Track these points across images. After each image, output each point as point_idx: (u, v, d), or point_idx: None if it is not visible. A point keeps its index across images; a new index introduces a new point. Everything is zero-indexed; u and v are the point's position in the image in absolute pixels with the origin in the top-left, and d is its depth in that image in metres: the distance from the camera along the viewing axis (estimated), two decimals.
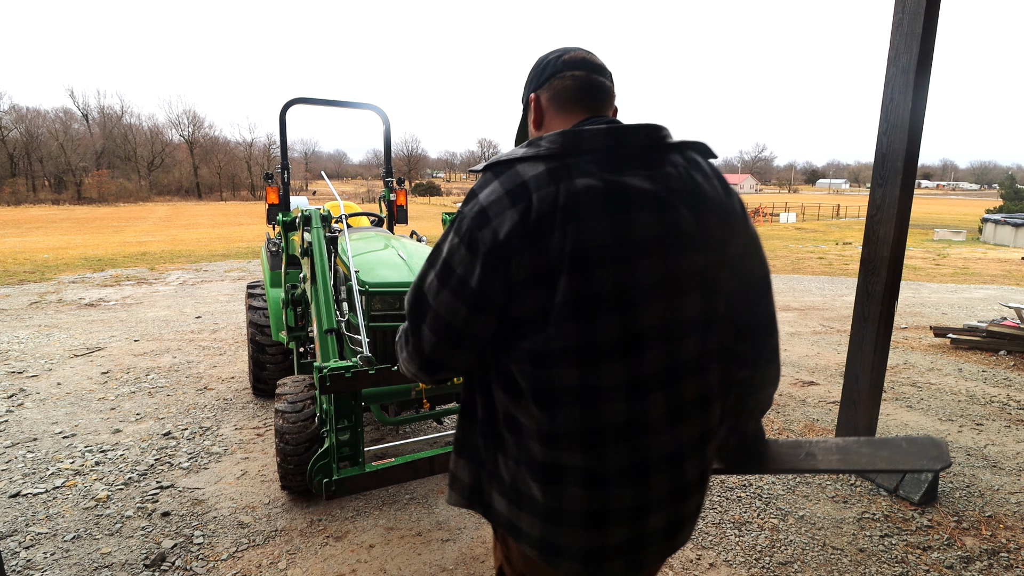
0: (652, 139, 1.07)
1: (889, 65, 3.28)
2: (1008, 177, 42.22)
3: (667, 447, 1.05)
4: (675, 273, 1.03)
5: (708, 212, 1.06)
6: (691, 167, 1.08)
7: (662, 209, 1.02)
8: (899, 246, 3.39)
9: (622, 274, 1.00)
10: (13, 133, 52.84)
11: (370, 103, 4.82)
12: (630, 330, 1.01)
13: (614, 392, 1.01)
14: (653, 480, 1.05)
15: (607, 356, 1.00)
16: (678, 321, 1.04)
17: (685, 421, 1.06)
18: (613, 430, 1.02)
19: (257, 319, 4.46)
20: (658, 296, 1.02)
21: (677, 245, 1.03)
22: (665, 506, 1.08)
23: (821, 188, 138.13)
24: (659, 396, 1.04)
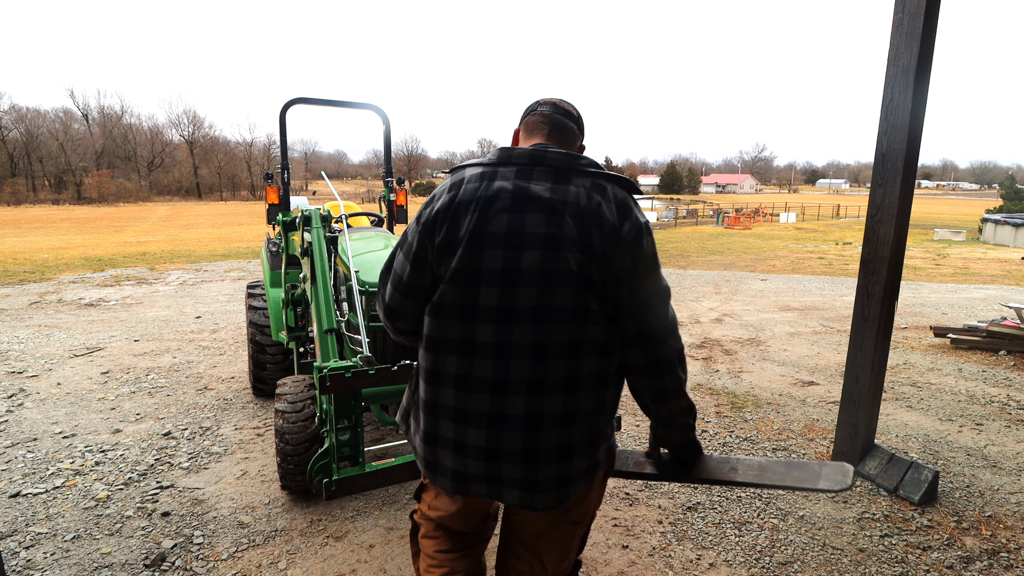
0: (567, 164, 1.36)
1: (889, 65, 3.28)
2: (1008, 177, 42.22)
3: (497, 408, 1.33)
4: (547, 266, 1.29)
5: (592, 226, 1.29)
6: (595, 191, 1.33)
7: (551, 214, 1.30)
8: (899, 246, 3.40)
9: (511, 258, 1.29)
10: (13, 133, 52.80)
11: (370, 103, 4.82)
12: (494, 303, 1.30)
13: (452, 345, 1.35)
14: (503, 430, 1.33)
15: (479, 317, 1.32)
16: (542, 306, 1.30)
17: (513, 395, 1.31)
18: (457, 380, 1.35)
19: (257, 319, 4.46)
20: (523, 282, 1.29)
21: (556, 243, 1.29)
22: (517, 457, 1.34)
23: (821, 188, 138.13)
24: (482, 364, 1.33)
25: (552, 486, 1.37)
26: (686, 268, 14.03)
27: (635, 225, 1.32)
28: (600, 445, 1.43)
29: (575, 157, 1.37)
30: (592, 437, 1.39)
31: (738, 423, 4.40)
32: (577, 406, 1.34)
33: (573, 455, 1.37)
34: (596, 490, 1.52)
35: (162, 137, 65.43)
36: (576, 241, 1.28)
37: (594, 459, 1.42)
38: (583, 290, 1.30)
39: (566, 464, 1.37)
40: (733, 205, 48.30)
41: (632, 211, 1.34)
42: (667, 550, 2.84)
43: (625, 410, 4.62)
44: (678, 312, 8.53)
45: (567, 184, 1.33)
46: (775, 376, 5.56)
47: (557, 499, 1.38)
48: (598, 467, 1.43)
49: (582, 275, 1.29)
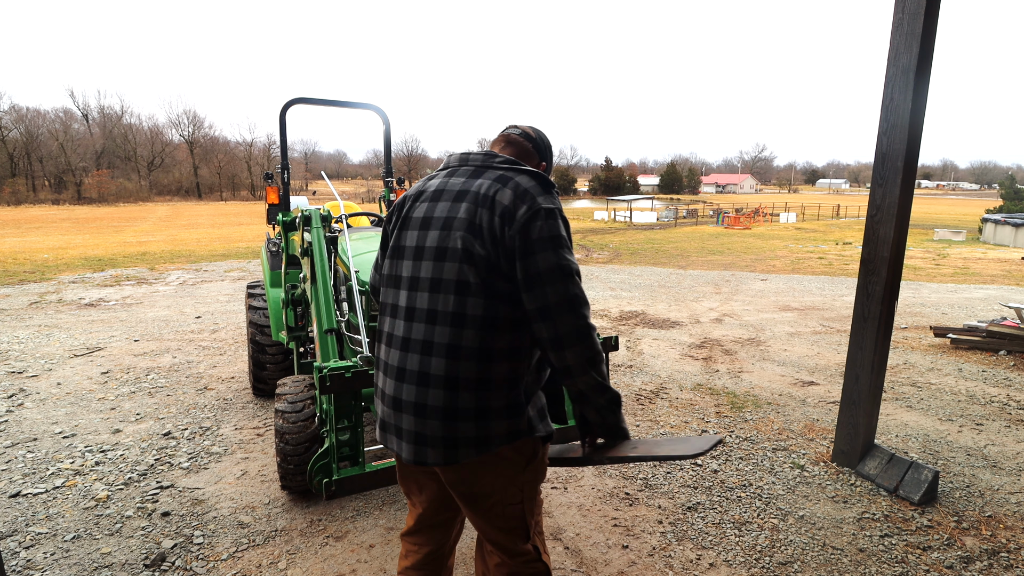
0: (483, 163, 1.62)
1: (889, 65, 3.28)
2: (1008, 177, 42.20)
3: (401, 363, 1.55)
4: (440, 243, 1.53)
5: (483, 209, 1.50)
6: (499, 181, 1.54)
7: (454, 201, 1.56)
8: (899, 246, 3.40)
9: (420, 238, 1.58)
10: (13, 133, 52.79)
11: (370, 103, 4.82)
12: (408, 274, 1.58)
13: (386, 309, 1.64)
14: (403, 382, 1.54)
15: (399, 285, 1.61)
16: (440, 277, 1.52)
17: (412, 353, 1.53)
18: (386, 338, 1.62)
19: (257, 319, 4.46)
20: (426, 257, 1.55)
21: (449, 225, 1.53)
22: (410, 410, 1.52)
23: (821, 188, 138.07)
24: (399, 324, 1.58)
25: (439, 444, 1.51)
26: (686, 268, 14.03)
27: (531, 208, 1.49)
28: (492, 419, 1.51)
29: (492, 156, 1.62)
30: (480, 409, 1.49)
31: (738, 423, 4.40)
32: (459, 372, 1.48)
33: (457, 418, 1.49)
34: (502, 469, 1.58)
35: (162, 137, 65.44)
36: (464, 221, 1.51)
37: (484, 431, 1.50)
38: (464, 265, 1.49)
39: (450, 426, 1.50)
40: (733, 205, 48.29)
41: (533, 198, 1.51)
42: (667, 550, 2.84)
43: (625, 410, 4.62)
44: (678, 312, 8.52)
45: (477, 178, 1.58)
46: (775, 376, 5.56)
47: (446, 458, 1.51)
48: (491, 441, 1.51)
49: (465, 252, 1.49)
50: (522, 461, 1.60)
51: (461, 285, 1.49)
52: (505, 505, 1.63)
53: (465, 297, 1.49)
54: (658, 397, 4.94)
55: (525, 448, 1.59)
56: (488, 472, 1.57)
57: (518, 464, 1.60)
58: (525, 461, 1.61)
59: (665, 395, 4.99)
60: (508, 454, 1.56)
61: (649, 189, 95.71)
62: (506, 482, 1.61)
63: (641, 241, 21.44)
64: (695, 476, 3.57)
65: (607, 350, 2.50)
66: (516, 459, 1.59)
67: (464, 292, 1.49)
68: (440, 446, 1.51)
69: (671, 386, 5.22)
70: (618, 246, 19.65)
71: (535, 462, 1.64)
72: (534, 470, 1.65)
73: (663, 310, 8.68)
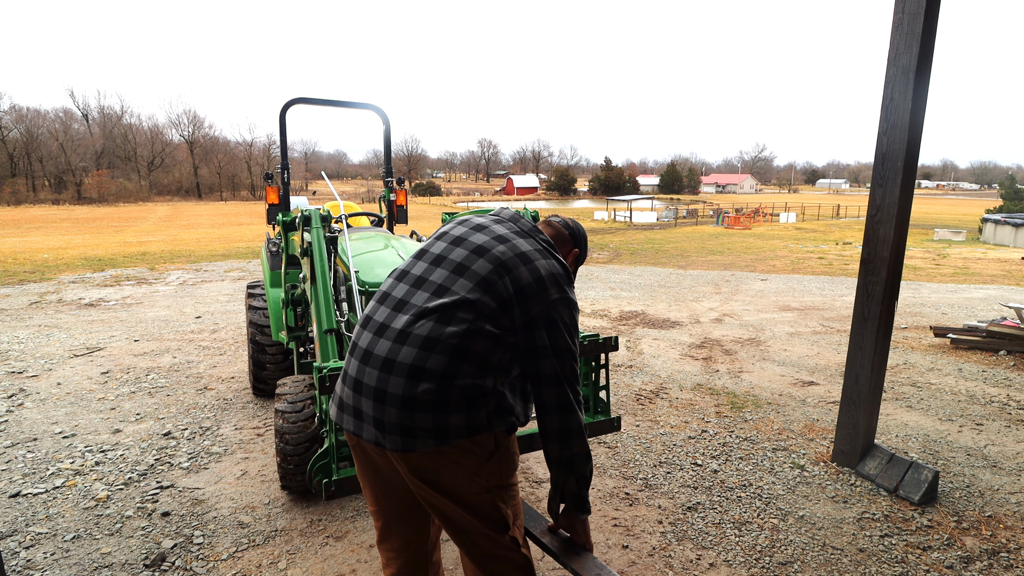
0: (532, 230, 1.77)
1: (889, 65, 3.28)
2: (1008, 177, 42.19)
3: (370, 346, 1.61)
4: (470, 263, 1.64)
5: (525, 264, 1.63)
6: (542, 255, 1.68)
7: (500, 241, 1.68)
8: (899, 246, 3.40)
9: (448, 250, 1.70)
10: (13, 133, 52.73)
11: (370, 103, 4.82)
12: (420, 273, 1.69)
13: (379, 296, 1.72)
14: (367, 364, 1.59)
15: (401, 279, 1.71)
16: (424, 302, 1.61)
17: (384, 339, 1.59)
18: (364, 319, 1.70)
19: (257, 319, 4.46)
20: (447, 267, 1.66)
21: (492, 260, 1.64)
22: (371, 394, 1.56)
23: (821, 188, 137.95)
24: (383, 311, 1.65)
25: (397, 431, 1.53)
26: (686, 268, 14.03)
27: (562, 295, 1.68)
28: (450, 414, 1.52)
29: (538, 230, 1.83)
30: (439, 402, 1.51)
31: (738, 423, 4.39)
32: (426, 363, 1.52)
33: (415, 409, 1.51)
34: (462, 461, 1.58)
35: (162, 137, 65.38)
36: (495, 258, 1.68)
37: (443, 424, 1.52)
38: (478, 287, 1.61)
39: (407, 414, 1.52)
40: (733, 205, 48.29)
41: (562, 288, 1.69)
42: (667, 550, 2.84)
43: (625, 410, 4.62)
44: (678, 312, 8.53)
45: (522, 238, 1.75)
46: (775, 376, 5.56)
47: (404, 445, 1.54)
48: (448, 435, 1.53)
49: (485, 281, 1.64)
50: (483, 453, 1.60)
51: (465, 300, 1.57)
52: (472, 495, 1.63)
53: (464, 306, 1.56)
54: (658, 397, 4.94)
55: (486, 441, 1.60)
56: (448, 462, 1.58)
57: (479, 456, 1.60)
58: (487, 453, 1.61)
59: (665, 395, 4.99)
60: (467, 446, 1.57)
61: (649, 189, 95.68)
62: (468, 473, 1.60)
63: (641, 241, 21.44)
64: (695, 476, 3.57)
65: (607, 350, 2.50)
66: (476, 451, 1.59)
67: (465, 306, 1.56)
68: (398, 434, 1.53)
69: (671, 386, 5.22)
70: (618, 246, 19.65)
71: (498, 453, 1.64)
72: (497, 461, 1.64)
73: (663, 310, 8.68)
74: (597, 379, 2.56)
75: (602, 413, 2.56)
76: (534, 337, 1.61)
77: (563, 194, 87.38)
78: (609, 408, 2.56)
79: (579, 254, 1.97)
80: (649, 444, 4.02)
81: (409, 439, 1.53)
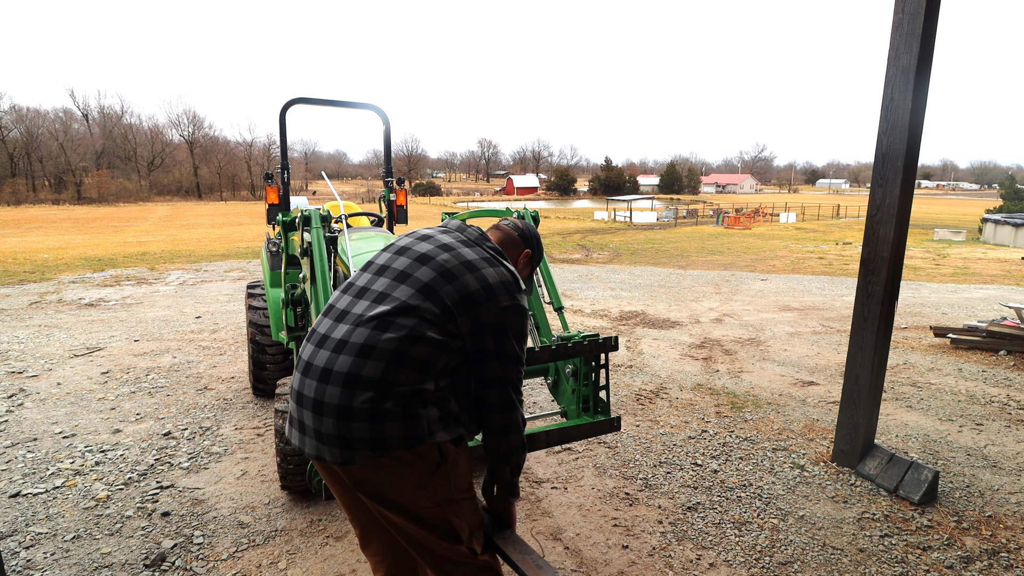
0: (478, 239, 1.77)
1: (889, 65, 3.28)
2: (1008, 177, 42.19)
3: (311, 358, 1.59)
4: (413, 271, 1.64)
5: (471, 273, 1.63)
6: (488, 263, 1.67)
7: (444, 250, 1.68)
8: (899, 246, 3.40)
9: (392, 259, 1.71)
10: (13, 133, 52.71)
11: (370, 103, 4.82)
12: (365, 285, 1.68)
13: (327, 310, 1.70)
14: (307, 376, 1.57)
15: (348, 292, 1.70)
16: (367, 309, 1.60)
17: (324, 350, 1.57)
18: (309, 333, 1.68)
19: (257, 319, 4.45)
20: (390, 276, 1.66)
21: (436, 267, 1.64)
22: (308, 405, 1.54)
23: (821, 188, 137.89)
24: (326, 323, 1.64)
25: (335, 442, 1.51)
26: (686, 268, 14.03)
27: (513, 302, 1.69)
28: (387, 423, 1.49)
29: (486, 237, 1.85)
30: (375, 411, 1.49)
31: (738, 423, 4.39)
32: (362, 371, 1.50)
33: (351, 418, 1.49)
34: (406, 474, 1.55)
35: (162, 137, 65.35)
36: (439, 266, 1.68)
37: (380, 434, 1.49)
38: (421, 293, 1.61)
39: (344, 424, 1.49)
40: (733, 205, 48.28)
41: (513, 295, 1.69)
42: (667, 550, 2.84)
43: (625, 410, 4.62)
44: (678, 312, 8.52)
45: (468, 247, 1.76)
46: (775, 376, 5.56)
47: (343, 457, 1.51)
48: (386, 446, 1.50)
49: (428, 288, 1.64)
50: (428, 466, 1.57)
51: (406, 306, 1.56)
52: (421, 508, 1.60)
53: (403, 312, 1.55)
54: (658, 397, 4.94)
55: (429, 453, 1.56)
56: (390, 476, 1.54)
57: (424, 469, 1.57)
58: (432, 466, 1.57)
59: (665, 395, 4.99)
60: (408, 458, 1.54)
61: (649, 189, 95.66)
62: (414, 486, 1.57)
63: (641, 241, 21.44)
64: (695, 476, 3.57)
65: (607, 350, 2.49)
66: (420, 464, 1.56)
67: (405, 312, 1.55)
68: (336, 445, 1.51)
69: (671, 386, 5.22)
70: (618, 246, 19.65)
71: (444, 465, 1.60)
72: (445, 474, 1.60)
73: (663, 310, 8.68)
74: (597, 379, 2.56)
75: (602, 413, 2.56)
76: (482, 342, 1.60)
77: (563, 194, 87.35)
78: (609, 408, 2.56)
79: (532, 254, 1.95)
80: (649, 444, 4.02)
81: (347, 450, 1.50)
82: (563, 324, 2.83)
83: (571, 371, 2.59)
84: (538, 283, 2.95)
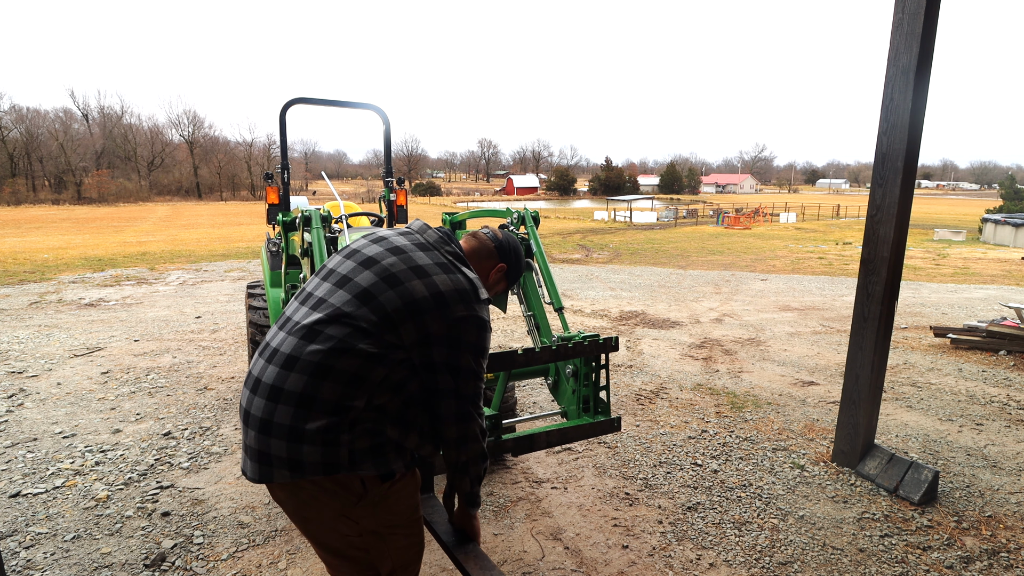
0: (437, 242, 1.65)
1: (889, 65, 3.28)
2: (1008, 177, 42.18)
3: (259, 373, 1.48)
4: (365, 283, 1.51)
5: (421, 281, 1.51)
6: (443, 269, 1.56)
7: (393, 254, 1.57)
8: (899, 246, 3.40)
9: (346, 266, 1.58)
10: (13, 133, 52.71)
11: (370, 103, 4.82)
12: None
13: (280, 321, 1.59)
14: (255, 394, 1.46)
15: (305, 302, 1.57)
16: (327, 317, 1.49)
17: (273, 365, 1.46)
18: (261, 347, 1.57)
19: (257, 319, 4.45)
20: (341, 284, 1.53)
21: (381, 273, 1.52)
22: (256, 425, 1.43)
23: (821, 188, 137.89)
24: (278, 336, 1.52)
25: (255, 457, 1.44)
26: (686, 268, 14.03)
27: (469, 313, 1.59)
28: (304, 444, 1.39)
29: (448, 240, 1.73)
30: (293, 428, 1.39)
31: (738, 423, 4.39)
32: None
33: (271, 434, 1.41)
34: (325, 500, 1.47)
35: (162, 137, 65.37)
36: (386, 271, 1.60)
37: (296, 454, 1.39)
38: (361, 300, 1.51)
39: (264, 439, 1.42)
40: (733, 205, 48.29)
41: (471, 305, 1.60)
42: (667, 550, 2.84)
43: (625, 410, 4.62)
44: (678, 312, 8.52)
45: (424, 251, 1.66)
46: (775, 376, 5.56)
47: (261, 474, 1.44)
48: (303, 468, 1.40)
49: (371, 290, 1.55)
50: (350, 497, 1.46)
51: (338, 314, 1.46)
52: (341, 535, 1.52)
53: (333, 321, 1.45)
54: (658, 397, 4.94)
55: (349, 483, 1.45)
56: (309, 500, 1.46)
57: (345, 499, 1.47)
58: (355, 497, 1.47)
59: (665, 395, 4.99)
60: (328, 485, 1.44)
61: (649, 189, 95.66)
62: (335, 514, 1.48)
63: (641, 241, 21.44)
64: (695, 476, 3.57)
65: (607, 350, 2.49)
66: (340, 493, 1.46)
67: (335, 321, 1.45)
68: (256, 460, 1.44)
69: (671, 386, 5.22)
70: (618, 246, 19.65)
71: (367, 499, 1.48)
72: (370, 507, 1.49)
73: (663, 310, 8.68)
74: (597, 379, 2.56)
75: (602, 413, 2.56)
76: (431, 353, 1.48)
77: (563, 194, 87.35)
78: (609, 408, 2.56)
79: (507, 270, 1.80)
80: (649, 444, 4.02)
81: (266, 467, 1.42)
82: (563, 324, 2.83)
83: (571, 371, 2.59)
84: (538, 283, 2.95)
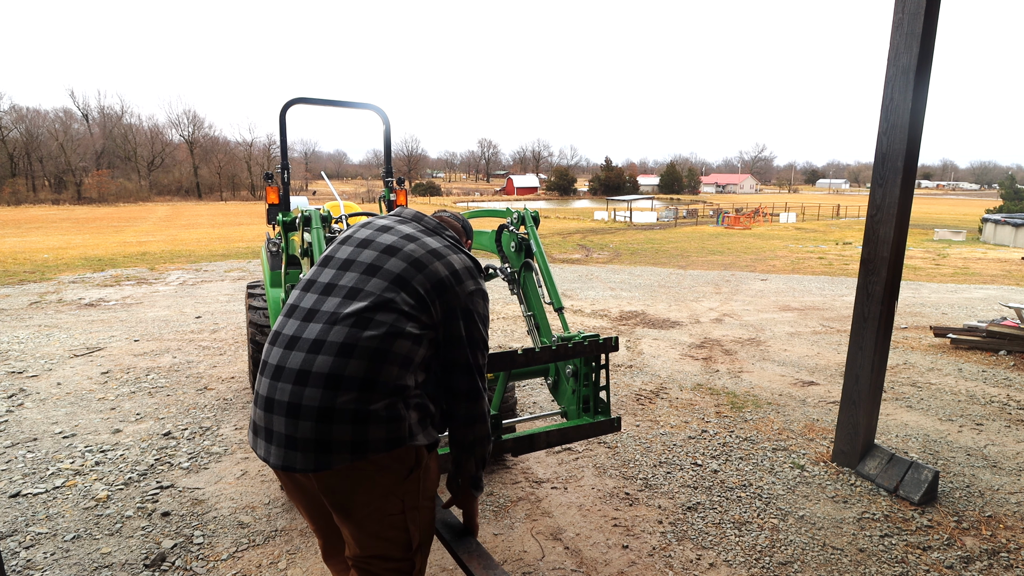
0: (437, 228, 1.79)
1: (889, 65, 3.28)
2: (1008, 177, 42.19)
3: (281, 361, 1.51)
4: (381, 263, 1.61)
5: (440, 261, 1.64)
6: (452, 250, 1.70)
7: (409, 240, 1.68)
8: (899, 246, 3.40)
9: (356, 252, 1.65)
10: (13, 133, 52.71)
11: (370, 103, 4.82)
12: (329, 280, 1.62)
13: (287, 310, 1.63)
14: (279, 380, 1.49)
15: (309, 289, 1.64)
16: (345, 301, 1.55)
17: (296, 351, 1.50)
18: (272, 336, 1.61)
19: (257, 319, 4.45)
20: (357, 270, 1.61)
21: (405, 258, 1.62)
22: (282, 410, 1.46)
23: (821, 188, 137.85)
24: (292, 324, 1.57)
25: (311, 447, 1.44)
26: (686, 268, 14.03)
27: (478, 287, 1.72)
28: (371, 425, 1.45)
29: (444, 227, 1.85)
30: (359, 411, 1.44)
31: (738, 423, 4.39)
32: (344, 370, 1.45)
33: (333, 420, 1.43)
34: (379, 479, 1.52)
35: (162, 137, 65.40)
36: (408, 256, 1.69)
37: (362, 436, 1.45)
38: (394, 284, 1.59)
39: (324, 427, 1.43)
40: (733, 205, 48.29)
41: (477, 281, 1.73)
42: (667, 550, 2.84)
43: (625, 410, 4.62)
44: (678, 312, 8.52)
45: (429, 236, 1.78)
46: (775, 376, 5.56)
47: (317, 463, 1.45)
48: (367, 448, 1.46)
49: (399, 278, 1.62)
50: (403, 470, 1.54)
51: (382, 300, 1.53)
52: (385, 515, 1.56)
53: (381, 307, 1.52)
54: (658, 397, 4.94)
55: (406, 456, 1.53)
56: (363, 481, 1.51)
57: (398, 473, 1.54)
58: (406, 470, 1.55)
59: (665, 395, 4.99)
60: (386, 462, 1.50)
61: (649, 189, 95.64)
62: (384, 492, 1.54)
63: (641, 241, 21.44)
64: (695, 476, 3.57)
65: (607, 350, 2.49)
66: (395, 468, 1.53)
67: (382, 307, 1.52)
68: (312, 450, 1.44)
69: (671, 386, 5.22)
70: (618, 246, 19.65)
71: (418, 470, 1.58)
72: (416, 479, 1.58)
73: (663, 310, 8.68)
74: (597, 379, 2.56)
75: (602, 413, 2.56)
76: (452, 328, 1.61)
77: (563, 194, 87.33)
78: (609, 408, 2.55)
79: (471, 246, 2.10)
80: (649, 444, 4.02)
81: (323, 455, 1.44)
82: (563, 324, 2.83)
83: (571, 371, 2.58)
84: (538, 283, 2.95)
